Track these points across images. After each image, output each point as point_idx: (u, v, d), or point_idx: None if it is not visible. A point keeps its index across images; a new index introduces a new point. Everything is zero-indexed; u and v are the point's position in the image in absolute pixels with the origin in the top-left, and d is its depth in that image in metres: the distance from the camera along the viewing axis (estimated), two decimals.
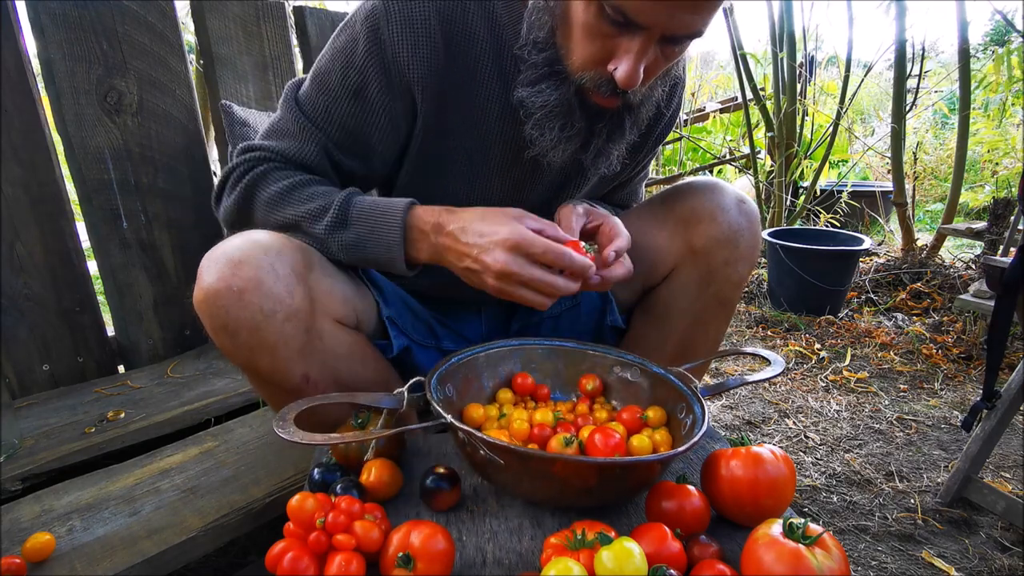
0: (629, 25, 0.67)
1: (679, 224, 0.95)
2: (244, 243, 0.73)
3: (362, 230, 0.80)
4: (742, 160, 3.77)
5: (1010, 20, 2.82)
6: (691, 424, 0.77)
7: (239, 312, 0.71)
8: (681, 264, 0.96)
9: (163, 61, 1.34)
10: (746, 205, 0.93)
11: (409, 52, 0.79)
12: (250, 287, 0.71)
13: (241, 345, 0.73)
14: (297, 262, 0.76)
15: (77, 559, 0.77)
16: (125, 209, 1.33)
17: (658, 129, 1.00)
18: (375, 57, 0.79)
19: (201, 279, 0.72)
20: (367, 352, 0.90)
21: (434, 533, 0.59)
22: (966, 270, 2.70)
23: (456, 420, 0.68)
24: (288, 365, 0.76)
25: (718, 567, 0.58)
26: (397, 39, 0.78)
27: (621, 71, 0.69)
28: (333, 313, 0.83)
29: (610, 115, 0.80)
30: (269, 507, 0.92)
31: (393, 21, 0.78)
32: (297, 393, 0.79)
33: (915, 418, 1.72)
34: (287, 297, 0.73)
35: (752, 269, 0.97)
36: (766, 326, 2.43)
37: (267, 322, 0.72)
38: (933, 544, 1.22)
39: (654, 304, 1.02)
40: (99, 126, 1.27)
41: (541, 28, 0.75)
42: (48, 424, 1.11)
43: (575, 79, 0.75)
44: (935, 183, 4.51)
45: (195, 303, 0.73)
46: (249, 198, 0.85)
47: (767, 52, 3.20)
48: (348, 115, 0.83)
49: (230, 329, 0.71)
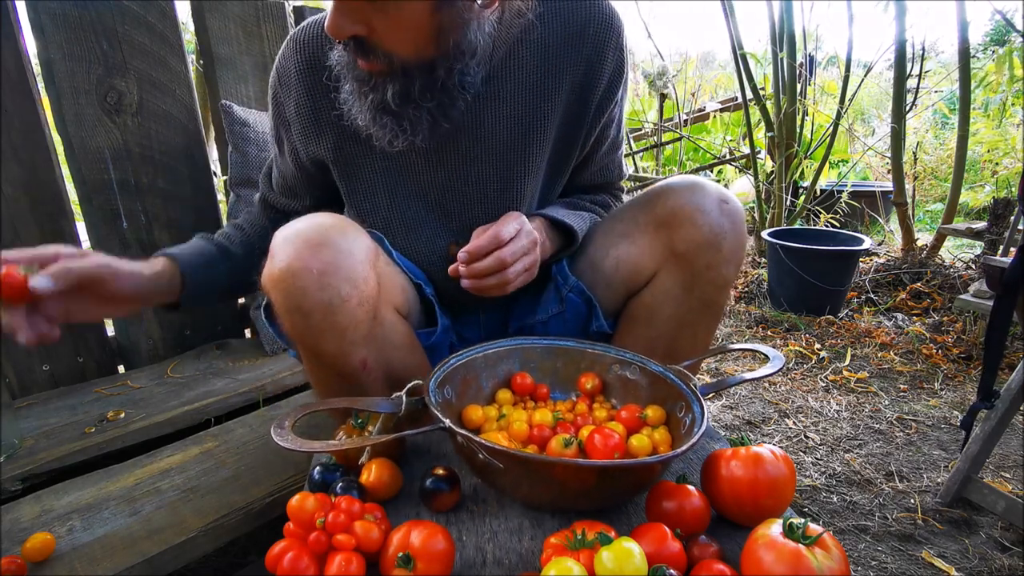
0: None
1: (659, 228, 0.92)
2: (318, 225, 0.74)
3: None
4: (742, 160, 3.77)
5: (1010, 20, 2.82)
6: (690, 423, 0.77)
7: (318, 294, 0.70)
8: (663, 269, 0.94)
9: (163, 61, 1.34)
10: (729, 205, 0.89)
11: (295, 109, 0.90)
12: (330, 270, 0.71)
13: (313, 327, 0.73)
14: (369, 247, 0.77)
15: (77, 559, 0.78)
16: (125, 209, 1.33)
17: (600, 86, 0.93)
18: (280, 121, 0.94)
19: (275, 259, 0.71)
20: (414, 342, 0.91)
21: (434, 533, 0.59)
22: (966, 270, 2.70)
23: (455, 422, 0.68)
24: (352, 349, 0.77)
25: (718, 567, 0.58)
26: (287, 99, 0.91)
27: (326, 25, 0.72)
28: (393, 301, 0.85)
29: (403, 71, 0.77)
30: (269, 507, 0.92)
31: (283, 82, 0.90)
32: (352, 378, 0.80)
33: (915, 418, 1.72)
34: (363, 283, 0.74)
35: (738, 270, 0.94)
36: (766, 326, 2.43)
37: (343, 306, 0.72)
38: (933, 544, 1.22)
39: (638, 310, 0.99)
40: (99, 126, 1.27)
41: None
42: (48, 424, 1.11)
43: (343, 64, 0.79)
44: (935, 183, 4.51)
45: (267, 282, 0.73)
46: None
47: (767, 52, 3.20)
48: (281, 156, 0.98)
49: (305, 310, 0.71)
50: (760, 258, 3.17)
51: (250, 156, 1.41)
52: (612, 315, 1.04)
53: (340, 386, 0.82)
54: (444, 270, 0.97)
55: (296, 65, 0.88)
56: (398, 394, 0.74)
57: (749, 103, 3.21)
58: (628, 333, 1.01)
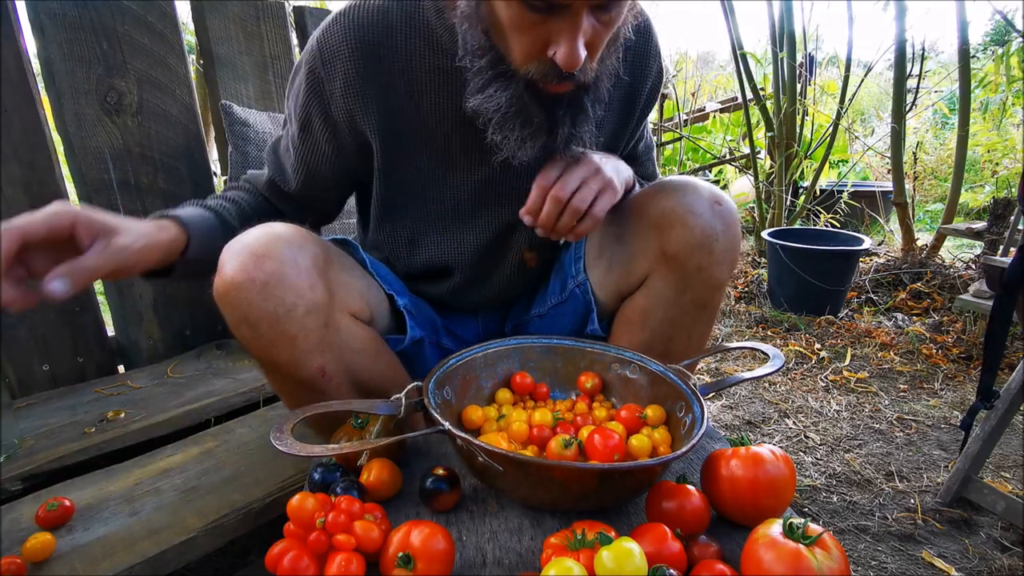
0: (552, 8, 0.66)
1: (651, 229, 0.91)
2: (265, 235, 0.74)
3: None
4: (742, 160, 3.77)
5: (1010, 20, 2.83)
6: (690, 423, 0.77)
7: (262, 305, 0.71)
8: (655, 270, 0.93)
9: (163, 61, 1.34)
10: (721, 206, 0.89)
11: (341, 88, 0.84)
12: (273, 280, 0.71)
13: (261, 337, 0.73)
14: (317, 256, 0.77)
15: (77, 559, 0.77)
16: (125, 209, 1.33)
17: (643, 93, 0.97)
18: (315, 97, 0.86)
19: (223, 271, 0.72)
20: (380, 347, 0.91)
21: (434, 533, 0.59)
22: (966, 270, 2.70)
23: (455, 423, 0.68)
24: (306, 358, 0.77)
25: (718, 567, 0.58)
26: (329, 76, 0.84)
27: (561, 54, 0.68)
28: (350, 307, 0.84)
29: (567, 99, 0.78)
30: (269, 507, 0.92)
31: (326, 60, 0.84)
32: (312, 386, 0.80)
33: (915, 418, 1.72)
34: (308, 291, 0.74)
35: (732, 271, 0.93)
36: (766, 326, 2.43)
37: (288, 315, 0.73)
38: (933, 544, 1.22)
39: (632, 312, 0.99)
40: (99, 126, 1.27)
41: (475, 35, 0.74)
42: (48, 424, 1.11)
43: (522, 74, 0.74)
44: (935, 183, 4.51)
45: (216, 295, 0.73)
46: None
47: (767, 52, 3.20)
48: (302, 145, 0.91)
49: (251, 321, 0.72)
50: (760, 258, 3.17)
51: (250, 156, 1.41)
52: (606, 317, 1.04)
53: (303, 394, 0.81)
54: (470, 264, 0.99)
55: (347, 44, 0.83)
56: (397, 396, 0.74)
57: (749, 103, 3.21)
58: (622, 335, 1.01)
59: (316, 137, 0.90)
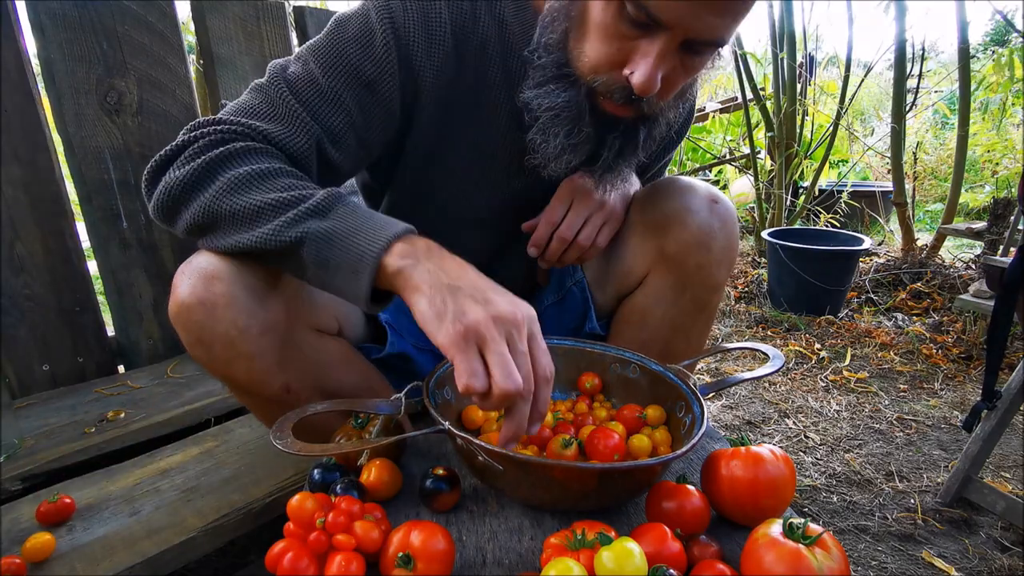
0: (651, 25, 0.63)
1: (649, 229, 0.91)
2: (218, 257, 0.71)
3: (342, 225, 0.66)
4: (742, 160, 3.77)
5: (1010, 20, 2.83)
6: (690, 423, 0.77)
7: (214, 327, 0.69)
8: (654, 270, 0.93)
9: (163, 61, 1.34)
10: (719, 206, 0.89)
11: (424, 52, 0.77)
12: (223, 302, 0.69)
13: (216, 359, 0.71)
14: (270, 273, 0.74)
15: (77, 559, 0.77)
16: (125, 209, 1.33)
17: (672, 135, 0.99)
18: (393, 51, 0.75)
19: (175, 293, 0.70)
20: (350, 357, 0.88)
21: (434, 533, 0.59)
22: (966, 270, 2.70)
23: (455, 423, 0.67)
24: (266, 377, 0.75)
25: (718, 567, 0.58)
26: (414, 37, 0.76)
27: (638, 75, 0.65)
28: (311, 322, 0.81)
29: (624, 126, 0.75)
30: (269, 507, 0.92)
31: (411, 19, 0.75)
32: (278, 403, 0.77)
33: (915, 418, 1.72)
34: (261, 310, 0.72)
35: (730, 270, 0.93)
36: (766, 326, 2.43)
37: (242, 336, 0.70)
38: (933, 544, 1.22)
39: (631, 312, 0.99)
40: (99, 126, 1.27)
41: (555, 31, 0.72)
42: (48, 424, 1.11)
43: (586, 82, 0.71)
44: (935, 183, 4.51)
45: (170, 317, 0.71)
46: (210, 174, 0.69)
47: (767, 52, 3.20)
48: (355, 105, 0.77)
49: (205, 343, 0.70)
50: (760, 258, 3.17)
51: None
52: (604, 317, 1.04)
53: (273, 410, 0.78)
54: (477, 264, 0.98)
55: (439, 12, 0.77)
56: (397, 395, 0.74)
57: (749, 103, 3.21)
58: (620, 335, 1.01)
59: (382, 99, 0.78)
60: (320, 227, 0.66)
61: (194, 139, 0.72)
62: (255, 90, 0.78)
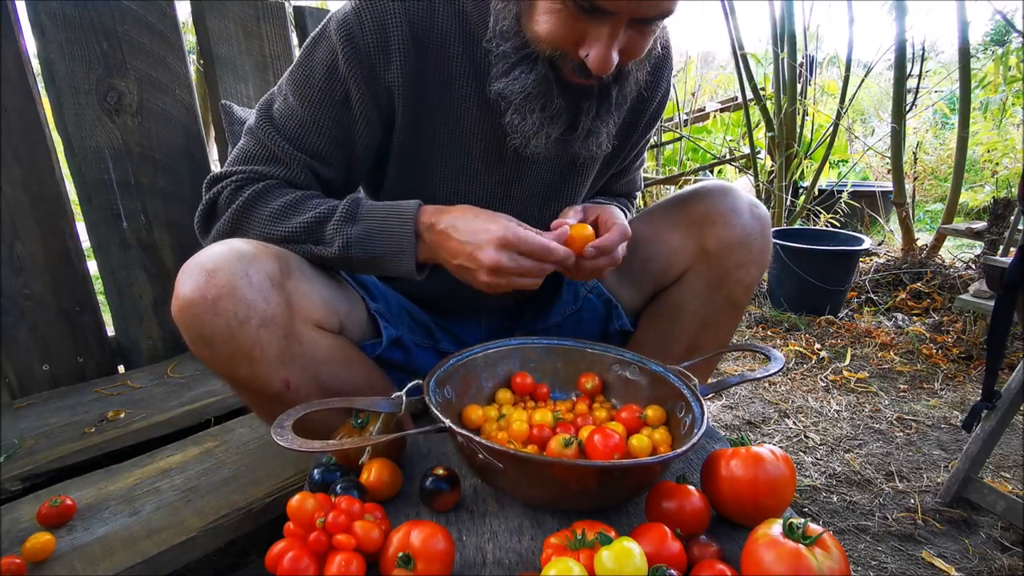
0: (595, 11, 0.66)
1: (692, 226, 0.95)
2: (220, 251, 0.73)
3: (372, 225, 0.81)
4: (742, 160, 3.76)
5: (1010, 20, 2.82)
6: (690, 423, 0.77)
7: (213, 320, 0.70)
8: (693, 266, 0.97)
9: (163, 61, 1.34)
10: (758, 209, 0.94)
11: (384, 58, 0.80)
12: (224, 294, 0.70)
13: (218, 354, 0.72)
14: (272, 268, 0.75)
15: (77, 559, 0.77)
16: (125, 209, 1.33)
17: (650, 109, 0.98)
18: (354, 66, 0.80)
19: (177, 290, 0.71)
20: (351, 355, 0.89)
21: (434, 533, 0.59)
22: (966, 270, 2.70)
23: (455, 422, 0.68)
24: (267, 371, 0.75)
25: (718, 567, 0.58)
26: (371, 46, 0.79)
27: (593, 56, 0.68)
28: (312, 318, 0.82)
29: (597, 91, 0.78)
30: (269, 507, 0.92)
31: (366, 28, 0.79)
32: (279, 400, 0.78)
33: (915, 418, 1.72)
34: (261, 303, 0.72)
35: (763, 272, 0.98)
36: (766, 326, 2.43)
37: (241, 329, 0.71)
38: (933, 544, 1.22)
39: (664, 306, 1.02)
40: (99, 126, 1.27)
41: (507, 16, 0.74)
42: (48, 424, 1.11)
43: (545, 56, 0.74)
44: (935, 183, 4.51)
45: (173, 315, 0.72)
46: (246, 215, 0.83)
47: (768, 52, 3.20)
48: (334, 125, 0.84)
49: (206, 338, 0.71)
50: None
51: None
52: (634, 313, 1.06)
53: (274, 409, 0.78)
54: None
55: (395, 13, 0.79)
56: (398, 394, 0.74)
57: (749, 103, 3.20)
58: (650, 329, 1.03)
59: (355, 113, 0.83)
60: (353, 232, 0.80)
61: (220, 191, 0.85)
62: (248, 134, 0.89)
